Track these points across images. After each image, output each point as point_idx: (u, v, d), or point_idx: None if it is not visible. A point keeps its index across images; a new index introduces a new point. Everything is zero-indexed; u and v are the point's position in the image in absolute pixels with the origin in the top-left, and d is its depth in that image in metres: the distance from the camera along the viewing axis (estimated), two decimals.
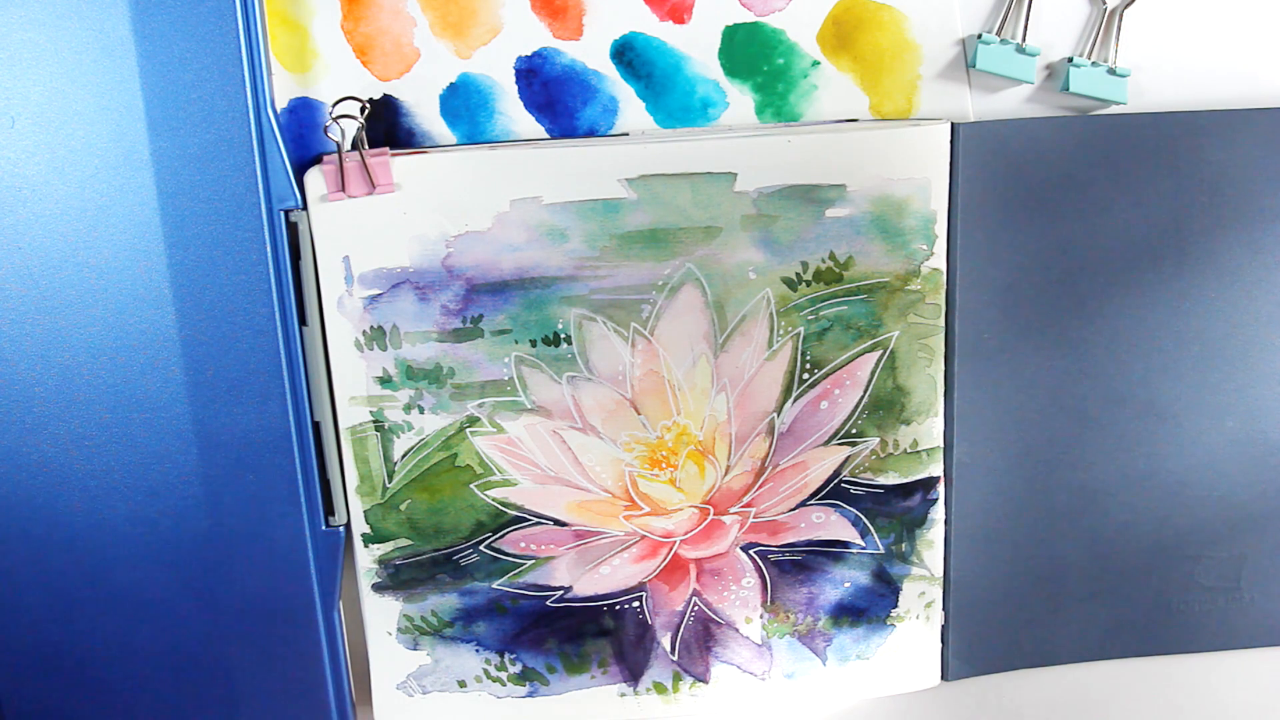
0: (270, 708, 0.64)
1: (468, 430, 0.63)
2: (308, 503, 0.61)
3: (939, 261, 0.62)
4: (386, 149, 0.60)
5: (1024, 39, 0.61)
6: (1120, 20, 0.62)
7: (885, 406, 0.64)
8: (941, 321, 0.63)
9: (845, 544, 0.66)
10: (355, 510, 0.64)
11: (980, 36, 0.61)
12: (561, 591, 0.66)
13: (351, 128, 0.59)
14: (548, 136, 0.62)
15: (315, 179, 0.59)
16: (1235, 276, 0.64)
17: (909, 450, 0.65)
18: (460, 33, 0.60)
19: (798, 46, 0.61)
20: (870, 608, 0.67)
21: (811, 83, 0.62)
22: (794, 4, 0.60)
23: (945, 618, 0.68)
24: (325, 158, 0.59)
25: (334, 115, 0.59)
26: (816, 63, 0.61)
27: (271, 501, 0.61)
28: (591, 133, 0.62)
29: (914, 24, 0.61)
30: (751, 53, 0.61)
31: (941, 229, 0.62)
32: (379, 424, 0.62)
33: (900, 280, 0.62)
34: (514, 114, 0.61)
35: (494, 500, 0.64)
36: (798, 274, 0.62)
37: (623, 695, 0.68)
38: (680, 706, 0.69)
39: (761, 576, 0.67)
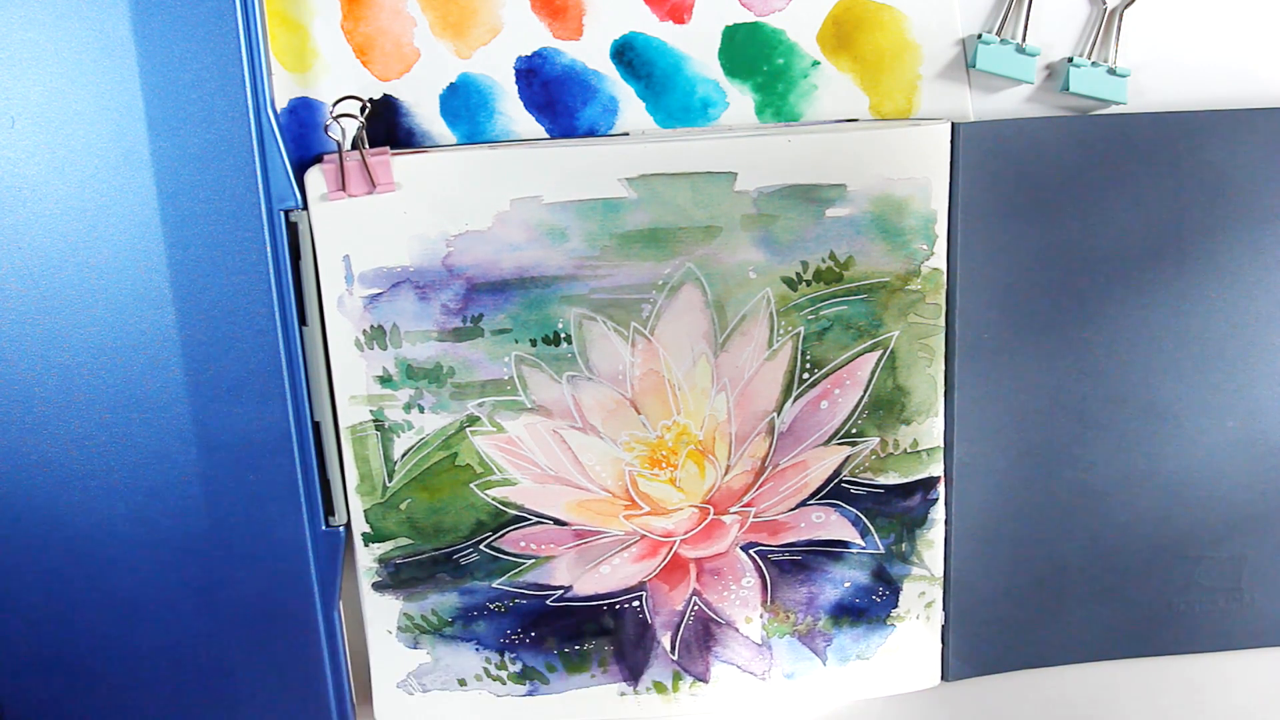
0: (270, 708, 0.64)
1: (468, 430, 0.63)
2: (308, 503, 0.62)
3: (939, 261, 0.62)
4: (387, 148, 0.60)
5: (1024, 39, 0.61)
6: (1120, 20, 0.62)
7: (885, 406, 0.64)
8: (941, 321, 0.63)
9: (845, 544, 0.66)
10: (355, 510, 0.64)
11: (980, 36, 0.61)
12: (561, 591, 0.66)
13: (352, 127, 0.59)
14: (548, 136, 0.62)
15: (315, 179, 0.59)
16: (1235, 276, 0.64)
17: (909, 450, 0.65)
18: (460, 33, 0.60)
19: (798, 46, 0.61)
20: (870, 608, 0.67)
21: (811, 83, 0.62)
22: (794, 4, 0.60)
23: (945, 618, 0.68)
24: (325, 157, 0.59)
25: (334, 115, 0.59)
26: (816, 63, 0.61)
27: (271, 501, 0.61)
28: (591, 133, 0.62)
29: (914, 24, 0.61)
30: (751, 53, 0.61)
31: (942, 229, 0.62)
32: (379, 423, 0.62)
33: (900, 280, 0.62)
34: (514, 114, 0.61)
35: (494, 500, 0.64)
36: (798, 274, 0.62)
37: (623, 694, 0.68)
38: (680, 706, 0.69)
39: (761, 576, 0.67)
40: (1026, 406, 0.65)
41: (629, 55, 0.61)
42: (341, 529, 0.63)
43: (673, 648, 0.68)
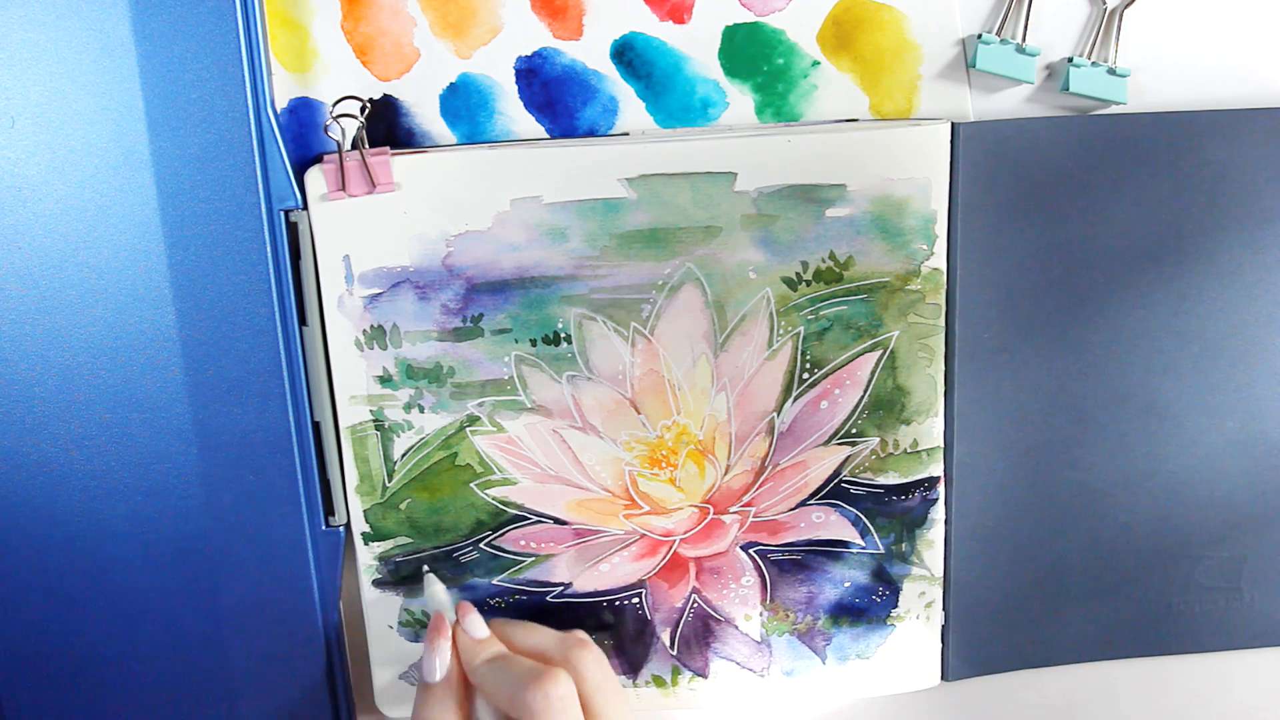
0: (270, 708, 0.64)
1: (468, 429, 0.63)
2: (308, 503, 0.62)
3: (939, 261, 0.62)
4: (387, 148, 0.60)
5: (1024, 39, 0.61)
6: (1120, 20, 0.62)
7: (885, 406, 0.64)
8: (941, 321, 0.63)
9: (845, 544, 0.66)
10: (355, 509, 0.64)
11: (980, 36, 0.61)
12: (561, 588, 0.66)
13: (352, 127, 0.59)
14: (548, 136, 0.61)
15: (315, 178, 0.59)
16: (1235, 276, 0.64)
17: (909, 450, 0.65)
18: (460, 33, 0.60)
19: (798, 46, 0.61)
20: (870, 607, 0.68)
21: (811, 83, 0.61)
22: (794, 4, 0.60)
23: (945, 618, 0.68)
24: (325, 157, 0.59)
25: (334, 115, 0.59)
26: (816, 63, 0.61)
27: (271, 501, 0.61)
28: (591, 133, 0.62)
29: (914, 24, 0.61)
30: (751, 53, 0.61)
31: (941, 229, 0.62)
32: (379, 423, 0.62)
33: (900, 280, 0.62)
34: (514, 114, 0.61)
35: (494, 499, 0.64)
36: (798, 274, 0.62)
37: (621, 687, 0.68)
38: (679, 699, 0.69)
39: (761, 575, 0.67)
40: (1026, 406, 0.65)
41: (629, 55, 0.61)
42: (341, 529, 0.63)
43: (672, 643, 0.68)
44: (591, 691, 0.58)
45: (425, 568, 0.65)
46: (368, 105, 0.59)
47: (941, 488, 0.66)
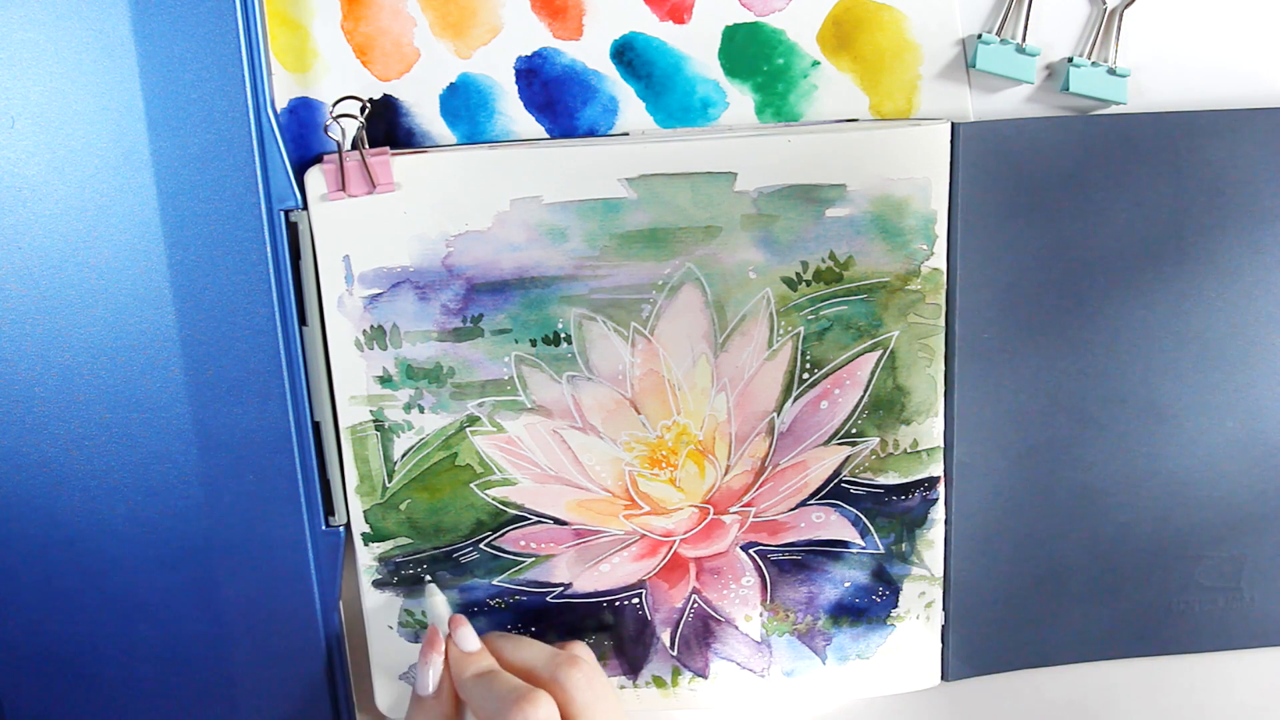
0: (270, 708, 0.64)
1: (468, 430, 0.63)
2: (308, 503, 0.62)
3: (939, 261, 0.62)
4: (387, 148, 0.60)
5: (1024, 39, 0.61)
6: (1120, 20, 0.62)
7: (885, 406, 0.64)
8: (941, 321, 0.63)
9: (845, 544, 0.66)
10: (355, 510, 0.64)
11: (980, 36, 0.61)
12: (561, 588, 0.66)
13: (352, 127, 0.59)
14: (548, 136, 0.61)
15: (315, 178, 0.59)
16: (1235, 276, 0.64)
17: (909, 450, 0.65)
18: (460, 33, 0.60)
19: (798, 46, 0.61)
20: (870, 607, 0.68)
21: (811, 83, 0.61)
22: (794, 4, 0.60)
23: (945, 618, 0.68)
24: (325, 157, 0.59)
25: (334, 115, 0.59)
26: (816, 63, 0.61)
27: (271, 501, 0.61)
28: (591, 133, 0.62)
29: (914, 24, 0.61)
30: (751, 53, 0.61)
31: (941, 229, 0.62)
32: (379, 423, 0.62)
33: (900, 280, 0.62)
34: (514, 114, 0.61)
35: (494, 499, 0.64)
36: (798, 274, 0.62)
37: (622, 688, 0.68)
38: (679, 700, 0.69)
39: (761, 575, 0.67)
40: (1026, 406, 0.65)
41: (629, 55, 0.61)
42: (341, 529, 0.63)
43: (672, 643, 0.68)
44: (578, 713, 0.57)
45: (428, 578, 0.65)
46: (368, 105, 0.59)
47: (941, 488, 0.66)
